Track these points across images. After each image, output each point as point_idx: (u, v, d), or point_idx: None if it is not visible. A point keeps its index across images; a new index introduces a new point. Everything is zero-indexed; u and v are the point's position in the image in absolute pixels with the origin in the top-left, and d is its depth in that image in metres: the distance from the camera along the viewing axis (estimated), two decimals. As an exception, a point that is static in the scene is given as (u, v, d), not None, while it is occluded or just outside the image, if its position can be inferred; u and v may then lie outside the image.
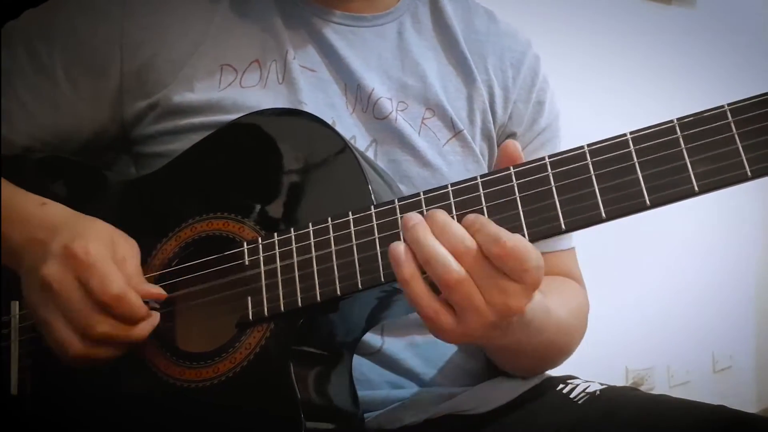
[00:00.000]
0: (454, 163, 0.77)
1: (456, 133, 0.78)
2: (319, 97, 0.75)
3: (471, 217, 0.52)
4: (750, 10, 2.45)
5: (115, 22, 0.74)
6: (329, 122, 0.68)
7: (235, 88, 0.73)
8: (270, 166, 0.64)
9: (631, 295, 2.05)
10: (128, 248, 0.63)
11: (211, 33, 0.75)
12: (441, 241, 0.52)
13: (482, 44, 0.82)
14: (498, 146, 0.82)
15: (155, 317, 0.61)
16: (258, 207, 0.63)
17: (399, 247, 0.53)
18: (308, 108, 0.72)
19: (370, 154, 0.75)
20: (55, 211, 0.66)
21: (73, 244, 0.59)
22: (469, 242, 0.51)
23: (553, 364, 0.77)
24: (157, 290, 0.61)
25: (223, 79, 0.73)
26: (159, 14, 0.75)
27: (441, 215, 0.53)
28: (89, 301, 0.58)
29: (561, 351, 0.75)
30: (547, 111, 0.85)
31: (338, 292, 0.56)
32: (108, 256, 0.60)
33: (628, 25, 2.14)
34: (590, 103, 1.87)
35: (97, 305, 0.58)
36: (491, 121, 0.80)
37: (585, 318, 0.79)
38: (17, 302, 0.67)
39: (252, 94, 0.73)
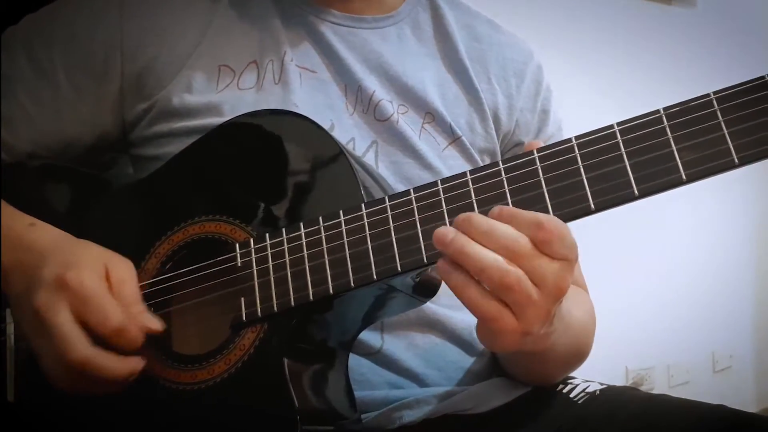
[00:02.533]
0: (455, 168, 0.76)
1: (454, 139, 0.78)
2: (319, 99, 0.74)
3: (496, 209, 0.51)
4: (750, 10, 2.45)
5: (114, 25, 0.74)
6: (328, 124, 0.68)
7: (232, 90, 0.73)
8: (260, 167, 0.64)
9: (631, 295, 2.04)
10: (124, 270, 0.61)
11: (210, 34, 0.75)
12: (488, 244, 0.50)
13: (484, 53, 0.82)
14: (503, 154, 0.82)
15: (139, 363, 0.59)
16: (249, 209, 0.63)
17: (443, 264, 0.51)
18: (301, 109, 0.71)
19: (370, 155, 0.75)
20: (44, 234, 0.65)
21: (66, 275, 0.58)
22: (522, 238, 0.49)
23: (572, 368, 0.77)
24: (155, 325, 0.60)
25: (220, 80, 0.73)
26: (158, 16, 0.75)
27: (479, 219, 0.51)
28: (79, 330, 0.57)
29: (581, 352, 0.75)
30: (552, 119, 0.85)
31: (331, 291, 0.56)
32: (103, 287, 0.59)
33: (628, 25, 2.14)
34: (590, 103, 1.86)
35: (80, 333, 0.57)
36: (493, 129, 0.80)
37: (594, 321, 0.79)
38: (12, 309, 0.68)
39: (249, 95, 0.73)
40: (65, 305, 0.57)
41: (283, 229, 0.59)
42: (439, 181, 0.55)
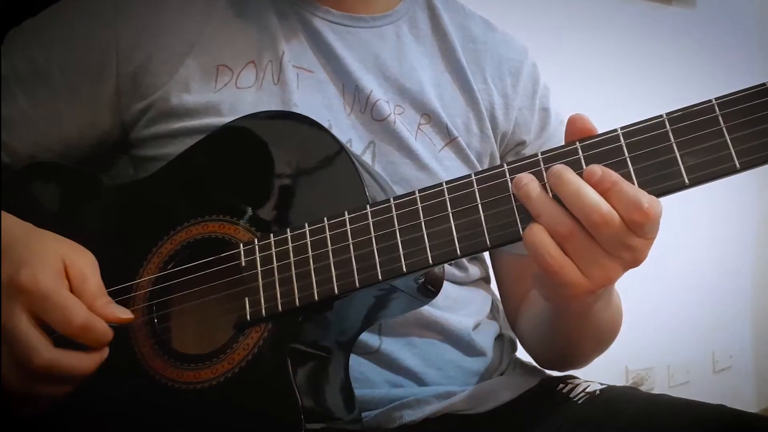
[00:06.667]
0: (451, 169, 0.76)
1: (451, 139, 0.78)
2: (316, 98, 0.74)
3: (598, 172, 0.50)
4: (749, 10, 2.45)
5: (110, 25, 0.74)
6: (326, 124, 0.68)
7: (230, 89, 0.73)
8: (264, 168, 0.64)
9: (631, 295, 2.04)
10: (84, 263, 0.59)
11: (207, 33, 0.75)
12: (571, 206, 0.51)
13: (480, 53, 0.82)
14: (501, 156, 0.82)
15: (105, 351, 0.58)
16: (253, 209, 0.63)
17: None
18: (301, 109, 0.72)
19: (368, 155, 0.75)
20: (6, 227, 0.61)
21: (19, 276, 0.55)
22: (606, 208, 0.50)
23: (601, 349, 0.78)
24: (125, 314, 0.59)
25: (219, 79, 0.73)
26: (154, 15, 0.75)
27: (570, 176, 0.51)
28: (39, 333, 0.55)
29: (613, 333, 0.76)
30: (553, 117, 0.85)
31: (336, 291, 0.56)
32: (61, 284, 0.56)
33: (628, 24, 2.14)
34: (589, 103, 1.85)
35: (41, 336, 0.55)
36: (490, 128, 0.80)
37: (621, 305, 0.79)
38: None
39: (247, 95, 0.73)
40: (21, 309, 0.55)
41: (288, 230, 0.59)
42: (444, 183, 0.55)
